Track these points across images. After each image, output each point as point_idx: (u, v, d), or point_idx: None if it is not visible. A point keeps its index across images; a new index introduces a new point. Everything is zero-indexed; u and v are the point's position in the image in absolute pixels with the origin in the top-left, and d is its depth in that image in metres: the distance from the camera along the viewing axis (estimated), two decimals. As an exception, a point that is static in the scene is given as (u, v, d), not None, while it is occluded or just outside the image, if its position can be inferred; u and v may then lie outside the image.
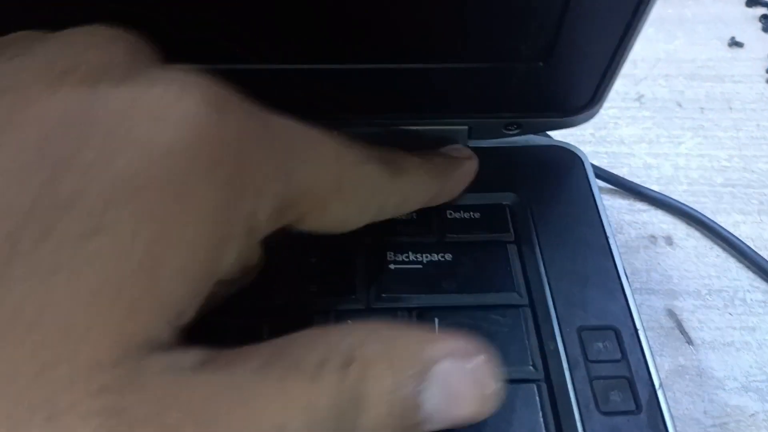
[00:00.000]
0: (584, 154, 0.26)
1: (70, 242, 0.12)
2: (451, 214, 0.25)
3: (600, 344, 0.22)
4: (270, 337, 0.15)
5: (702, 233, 0.29)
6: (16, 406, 0.11)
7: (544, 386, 0.21)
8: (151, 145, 0.13)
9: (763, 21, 0.41)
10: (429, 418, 0.15)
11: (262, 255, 0.19)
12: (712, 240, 0.28)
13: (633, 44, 0.22)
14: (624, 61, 0.23)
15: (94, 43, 0.15)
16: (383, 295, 0.22)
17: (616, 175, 0.30)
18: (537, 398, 0.20)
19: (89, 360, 0.11)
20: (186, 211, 0.13)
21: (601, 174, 0.30)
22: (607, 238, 0.24)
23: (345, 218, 0.18)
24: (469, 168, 0.24)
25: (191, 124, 0.13)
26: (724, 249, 0.28)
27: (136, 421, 0.11)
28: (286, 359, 0.14)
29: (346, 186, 0.17)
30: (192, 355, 0.13)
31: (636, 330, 0.22)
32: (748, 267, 0.28)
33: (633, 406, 0.20)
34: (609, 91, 0.24)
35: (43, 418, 0.11)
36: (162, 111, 0.13)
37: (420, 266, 0.23)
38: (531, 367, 0.21)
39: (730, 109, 0.34)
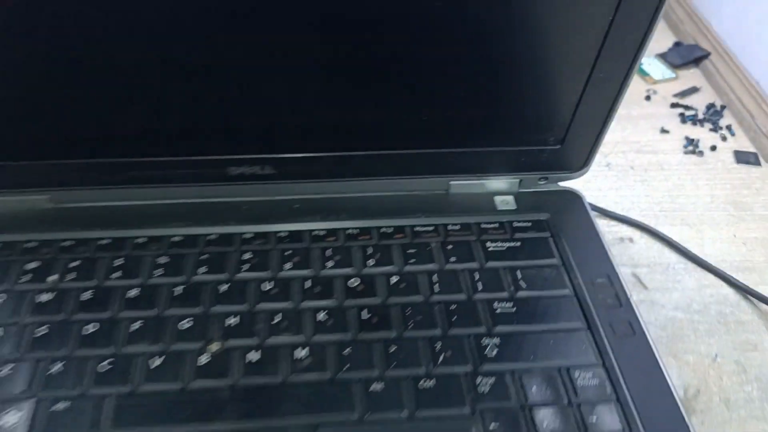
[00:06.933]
0: (583, 195, 0.49)
1: None
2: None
3: (603, 287, 0.43)
4: None
5: (649, 236, 0.51)
6: None
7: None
8: None
9: (680, 117, 0.65)
10: None
11: None
12: (655, 239, 0.51)
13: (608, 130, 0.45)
14: (603, 140, 0.46)
15: None
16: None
17: (599, 207, 0.53)
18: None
19: None
20: None
21: (592, 206, 0.52)
22: (601, 239, 0.46)
23: None
24: None
25: None
26: (662, 244, 0.51)
27: None
28: None
29: None
30: None
31: (619, 279, 0.44)
32: (676, 252, 0.50)
33: (618, 305, 0.42)
34: (594, 158, 0.47)
35: None
36: None
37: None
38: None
39: (662, 169, 0.58)
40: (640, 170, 0.56)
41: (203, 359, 0.37)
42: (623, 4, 0.35)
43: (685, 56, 0.70)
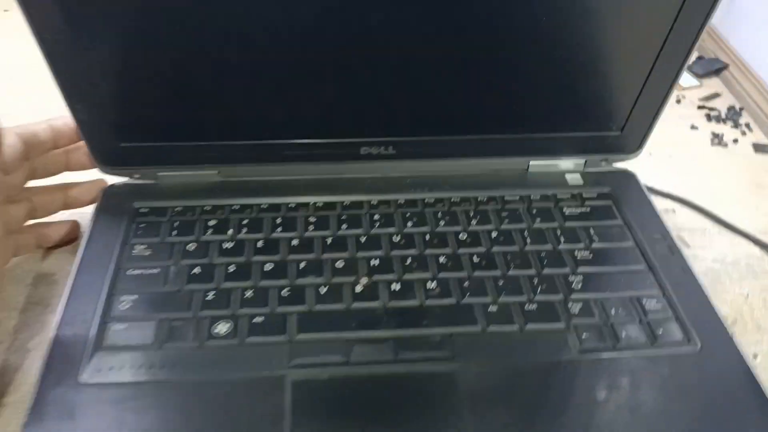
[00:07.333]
0: (636, 173, 0.61)
1: None
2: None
3: (658, 241, 0.55)
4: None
5: (688, 208, 0.63)
6: None
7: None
8: None
9: (706, 116, 0.77)
10: None
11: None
12: (693, 210, 0.63)
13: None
14: (654, 128, 0.58)
15: None
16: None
17: (648, 186, 0.64)
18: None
19: None
20: None
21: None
22: (653, 207, 0.58)
23: None
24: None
25: None
26: (699, 214, 0.62)
27: None
28: None
29: None
30: None
31: (670, 235, 0.55)
32: (711, 219, 0.61)
33: (671, 254, 0.53)
34: (646, 144, 0.59)
35: None
36: None
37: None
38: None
39: (694, 158, 0.70)
40: (676, 158, 0.67)
41: (358, 288, 0.48)
42: (681, 13, 0.47)
43: (707, 68, 0.82)
